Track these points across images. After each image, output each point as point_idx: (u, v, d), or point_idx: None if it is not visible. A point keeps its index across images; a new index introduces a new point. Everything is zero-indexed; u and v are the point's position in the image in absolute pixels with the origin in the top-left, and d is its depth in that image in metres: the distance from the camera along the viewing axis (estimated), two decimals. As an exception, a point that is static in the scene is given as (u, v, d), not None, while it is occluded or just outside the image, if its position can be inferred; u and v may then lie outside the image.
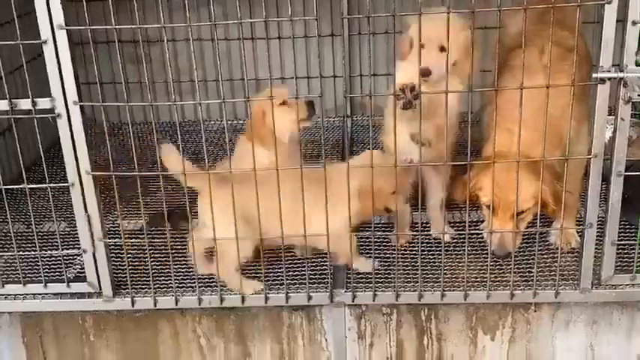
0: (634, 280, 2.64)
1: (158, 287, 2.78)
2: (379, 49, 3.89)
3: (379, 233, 3.00)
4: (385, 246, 3.00)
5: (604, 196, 2.57)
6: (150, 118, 3.83)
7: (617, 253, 2.63)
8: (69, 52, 2.39)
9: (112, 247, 2.76)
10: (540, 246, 2.78)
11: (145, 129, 3.90)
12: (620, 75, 2.34)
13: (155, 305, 2.75)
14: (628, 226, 2.86)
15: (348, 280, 2.77)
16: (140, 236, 2.86)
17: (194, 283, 2.75)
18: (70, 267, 2.89)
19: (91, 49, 2.43)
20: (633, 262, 2.66)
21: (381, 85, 3.69)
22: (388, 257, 2.91)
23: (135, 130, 2.49)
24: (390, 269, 2.80)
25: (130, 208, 3.31)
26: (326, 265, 2.79)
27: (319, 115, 2.54)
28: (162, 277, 2.84)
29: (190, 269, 2.83)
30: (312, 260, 2.87)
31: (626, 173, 2.48)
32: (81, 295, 2.77)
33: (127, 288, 2.75)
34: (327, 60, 4.04)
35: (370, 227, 2.62)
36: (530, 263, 2.78)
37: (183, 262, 2.89)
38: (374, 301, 2.73)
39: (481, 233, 2.85)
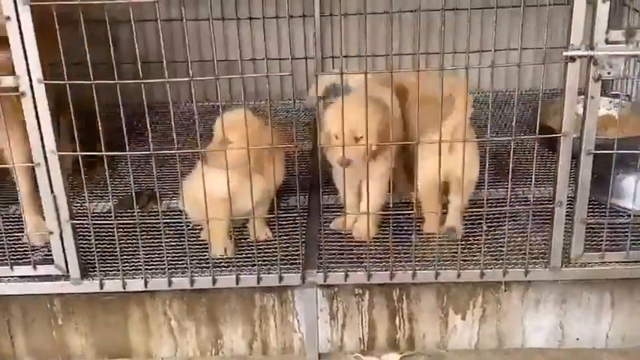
0: (603, 258, 2.66)
1: (127, 270, 2.74)
2: (351, 30, 3.88)
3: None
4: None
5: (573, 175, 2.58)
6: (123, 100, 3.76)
7: (587, 232, 2.64)
8: (33, 29, 2.33)
9: (81, 229, 2.71)
10: (510, 225, 2.79)
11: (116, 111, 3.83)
12: (590, 53, 2.34)
13: (124, 288, 2.71)
14: (597, 206, 2.87)
15: (320, 261, 2.75)
16: (109, 218, 2.81)
17: (164, 265, 2.71)
18: (37, 249, 2.84)
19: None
20: (602, 240, 2.68)
21: (352, 65, 3.67)
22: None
23: (108, 112, 2.50)
24: (362, 249, 2.80)
25: (100, 190, 3.26)
26: (298, 246, 2.77)
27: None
28: (132, 260, 2.80)
29: (160, 250, 2.79)
30: (284, 241, 2.85)
31: (596, 152, 2.48)
32: (48, 278, 2.71)
33: (95, 270, 2.70)
34: (299, 41, 4.01)
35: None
36: (500, 242, 2.79)
37: (153, 244, 2.86)
38: (346, 281, 2.72)
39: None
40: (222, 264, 2.76)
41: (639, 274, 2.69)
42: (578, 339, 2.86)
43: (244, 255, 2.81)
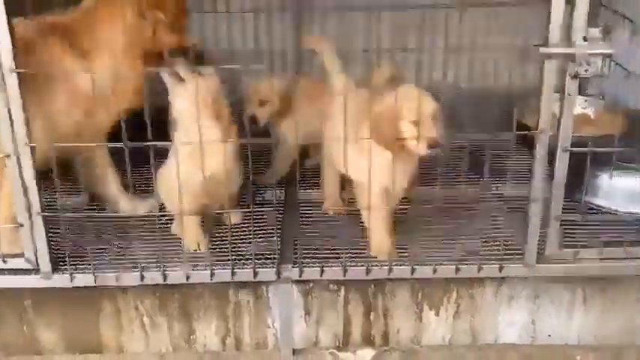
0: (577, 255, 2.67)
1: (99, 264, 2.70)
2: (329, 26, 3.85)
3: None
4: (335, 221, 2.97)
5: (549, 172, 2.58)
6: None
7: (562, 230, 2.64)
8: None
9: (52, 222, 2.65)
10: (486, 222, 2.80)
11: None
12: (568, 50, 2.34)
13: (95, 282, 2.66)
14: (571, 202, 2.88)
15: (296, 256, 2.73)
16: (80, 211, 2.77)
17: (136, 259, 2.68)
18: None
19: None
20: (576, 238, 2.69)
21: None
22: (336, 233, 2.88)
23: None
24: (338, 245, 2.78)
25: (73, 183, 3.19)
26: (273, 241, 2.75)
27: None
28: (104, 254, 2.76)
29: (132, 244, 2.75)
30: (259, 235, 2.83)
31: (572, 149, 2.49)
32: (18, 272, 2.66)
33: (66, 264, 2.65)
34: (277, 35, 3.98)
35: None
36: (476, 239, 2.79)
37: (126, 238, 2.82)
38: (321, 276, 2.70)
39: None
40: (196, 259, 2.73)
41: (612, 271, 2.71)
42: (550, 335, 2.88)
43: (218, 250, 2.78)
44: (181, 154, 2.58)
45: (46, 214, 2.56)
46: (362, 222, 2.78)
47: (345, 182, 2.96)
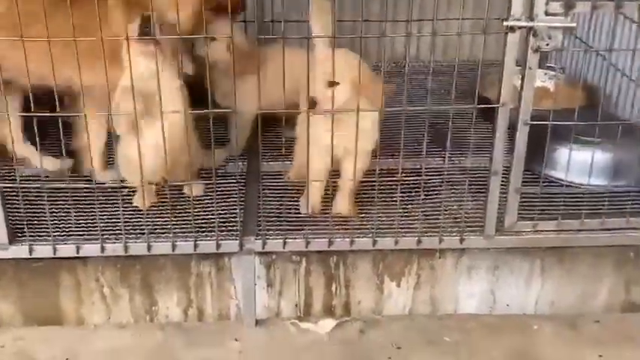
0: (536, 227, 2.71)
1: (58, 235, 2.67)
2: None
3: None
4: (297, 193, 2.96)
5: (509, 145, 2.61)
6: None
7: (520, 201, 2.68)
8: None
9: (9, 191, 2.62)
10: (447, 193, 2.83)
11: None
12: (530, 24, 2.35)
13: (55, 253, 2.64)
14: (530, 175, 2.91)
15: (259, 228, 2.73)
16: (38, 180, 2.71)
17: (97, 230, 2.65)
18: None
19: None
20: (535, 210, 2.73)
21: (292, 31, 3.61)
22: (299, 205, 2.90)
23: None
24: (301, 217, 2.79)
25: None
26: (236, 213, 2.74)
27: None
28: (63, 225, 2.73)
29: (93, 215, 2.72)
30: (222, 207, 2.82)
31: (533, 122, 2.52)
32: (-26, 243, 2.62)
33: (25, 235, 2.62)
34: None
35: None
36: (437, 211, 2.82)
37: (86, 209, 2.79)
38: (284, 248, 2.71)
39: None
40: (158, 230, 2.72)
41: (569, 242, 2.77)
42: (508, 305, 2.92)
43: (181, 221, 2.77)
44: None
45: (3, 184, 2.51)
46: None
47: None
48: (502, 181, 2.64)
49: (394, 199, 2.81)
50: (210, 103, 2.48)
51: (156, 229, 2.73)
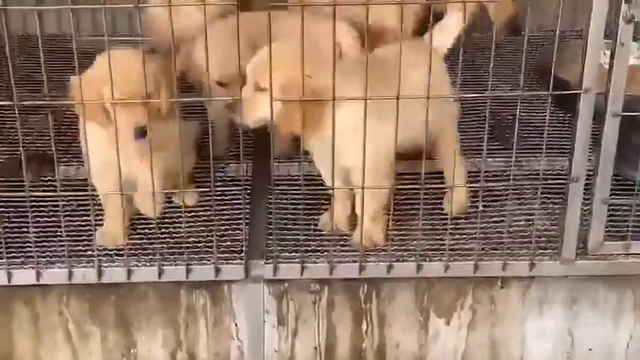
0: (628, 249, 2.69)
1: (14, 257, 2.70)
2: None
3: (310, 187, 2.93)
4: (318, 203, 2.97)
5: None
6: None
7: (609, 216, 2.67)
8: None
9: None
10: (513, 205, 2.82)
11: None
12: (623, -13, 2.33)
13: (9, 280, 2.67)
14: (620, 182, 2.89)
15: (269, 249, 2.73)
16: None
17: (63, 251, 2.66)
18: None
19: None
20: (628, 227, 2.71)
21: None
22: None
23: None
24: (324, 235, 2.81)
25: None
26: (240, 228, 2.74)
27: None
28: (21, 245, 2.76)
29: (58, 233, 2.73)
30: (222, 222, 2.84)
31: (624, 113, 2.49)
32: None
33: (-28, 258, 2.66)
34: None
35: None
36: (499, 227, 2.81)
37: (49, 224, 2.83)
38: (302, 275, 2.71)
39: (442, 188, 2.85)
40: (139, 250, 2.74)
41: (672, 270, 2.75)
42: (591, 349, 2.90)
43: (169, 239, 2.79)
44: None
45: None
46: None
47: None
48: (584, 190, 2.62)
49: (443, 211, 2.81)
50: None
51: (137, 248, 2.75)
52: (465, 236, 2.82)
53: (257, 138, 3.20)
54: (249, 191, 3.00)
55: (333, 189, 2.74)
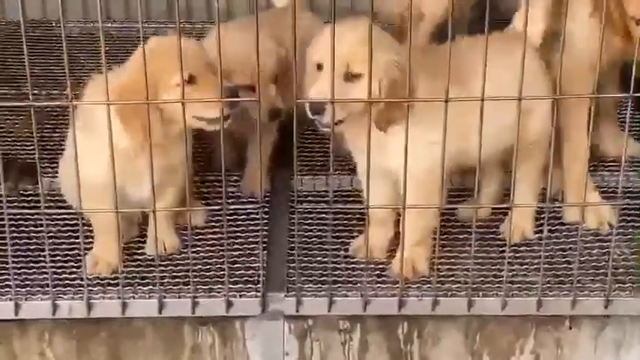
0: None
1: None
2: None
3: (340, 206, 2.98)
4: (349, 224, 2.99)
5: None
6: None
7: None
8: None
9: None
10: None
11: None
12: None
13: None
14: None
15: (291, 279, 2.75)
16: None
17: (46, 279, 2.68)
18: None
19: None
20: None
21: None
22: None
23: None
24: (356, 263, 2.81)
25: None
26: (256, 255, 2.76)
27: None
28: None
29: (40, 258, 2.77)
30: (235, 245, 2.86)
31: None
32: None
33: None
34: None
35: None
36: (567, 256, 2.83)
37: (30, 248, 2.86)
38: (329, 310, 2.72)
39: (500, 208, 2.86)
40: (136, 280, 2.76)
41: None
42: (675, 402, 2.90)
43: (172, 267, 2.82)
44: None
45: None
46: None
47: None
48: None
49: (499, 237, 2.82)
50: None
51: (133, 278, 2.77)
52: (526, 267, 2.83)
53: (276, 147, 3.23)
54: (267, 210, 3.03)
55: (368, 208, 2.74)
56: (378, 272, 2.81)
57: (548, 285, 2.75)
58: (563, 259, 2.85)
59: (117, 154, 2.56)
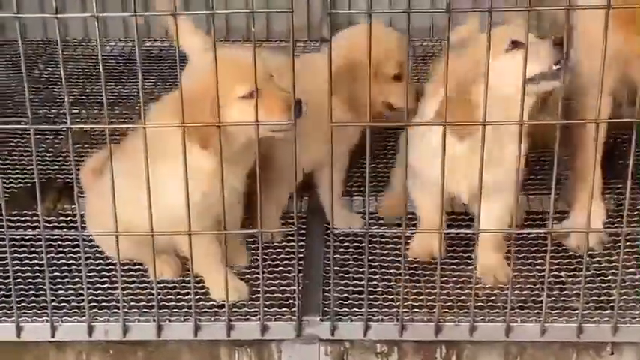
0: None
1: (25, 308, 2.74)
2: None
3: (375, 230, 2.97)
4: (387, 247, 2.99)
5: None
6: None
7: None
8: None
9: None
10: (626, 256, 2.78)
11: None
12: None
13: (19, 336, 2.71)
14: None
15: (326, 304, 2.74)
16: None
17: (82, 302, 2.69)
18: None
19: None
20: None
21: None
22: (391, 270, 2.91)
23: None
24: (392, 287, 2.81)
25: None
26: (292, 278, 2.76)
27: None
28: (32, 294, 2.80)
29: (76, 280, 2.81)
30: (270, 268, 2.87)
31: None
32: None
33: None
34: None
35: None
36: (607, 282, 2.80)
37: (66, 269, 2.89)
38: (365, 335, 2.70)
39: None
40: (172, 303, 2.77)
41: None
42: None
43: (207, 289, 2.82)
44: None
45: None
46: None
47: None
48: None
49: (538, 261, 2.81)
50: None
51: (169, 300, 2.78)
52: (566, 291, 2.81)
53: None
54: (303, 231, 3.04)
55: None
56: (414, 296, 2.79)
57: (589, 310, 2.72)
58: (605, 284, 2.83)
59: (206, 175, 2.60)
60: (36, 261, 2.89)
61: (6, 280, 2.72)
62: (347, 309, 2.75)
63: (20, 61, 2.40)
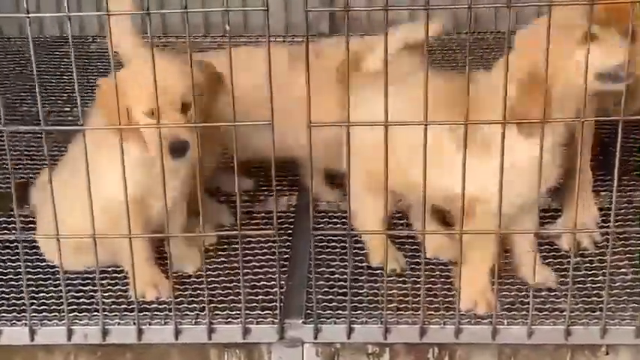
0: None
1: (5, 312, 2.74)
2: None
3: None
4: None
5: None
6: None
7: None
8: None
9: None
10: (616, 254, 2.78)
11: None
12: None
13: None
14: None
15: (309, 306, 2.71)
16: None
17: (61, 305, 2.68)
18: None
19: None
20: None
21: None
22: (377, 271, 2.88)
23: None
24: (378, 289, 2.79)
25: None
26: (274, 280, 2.71)
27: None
28: (12, 297, 2.81)
29: (57, 282, 2.77)
30: (253, 271, 2.86)
31: None
32: None
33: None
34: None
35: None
36: (598, 282, 2.77)
37: (46, 272, 2.89)
38: (349, 338, 2.68)
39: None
40: (153, 306, 2.76)
41: None
42: None
43: (189, 293, 2.81)
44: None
45: None
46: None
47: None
48: None
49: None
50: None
51: (150, 303, 2.77)
52: (555, 292, 2.77)
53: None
54: (290, 232, 3.04)
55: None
56: (400, 298, 2.77)
57: (577, 313, 2.69)
58: (593, 286, 2.80)
59: (136, 163, 2.64)
60: (19, 263, 2.83)
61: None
62: (331, 311, 2.73)
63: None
